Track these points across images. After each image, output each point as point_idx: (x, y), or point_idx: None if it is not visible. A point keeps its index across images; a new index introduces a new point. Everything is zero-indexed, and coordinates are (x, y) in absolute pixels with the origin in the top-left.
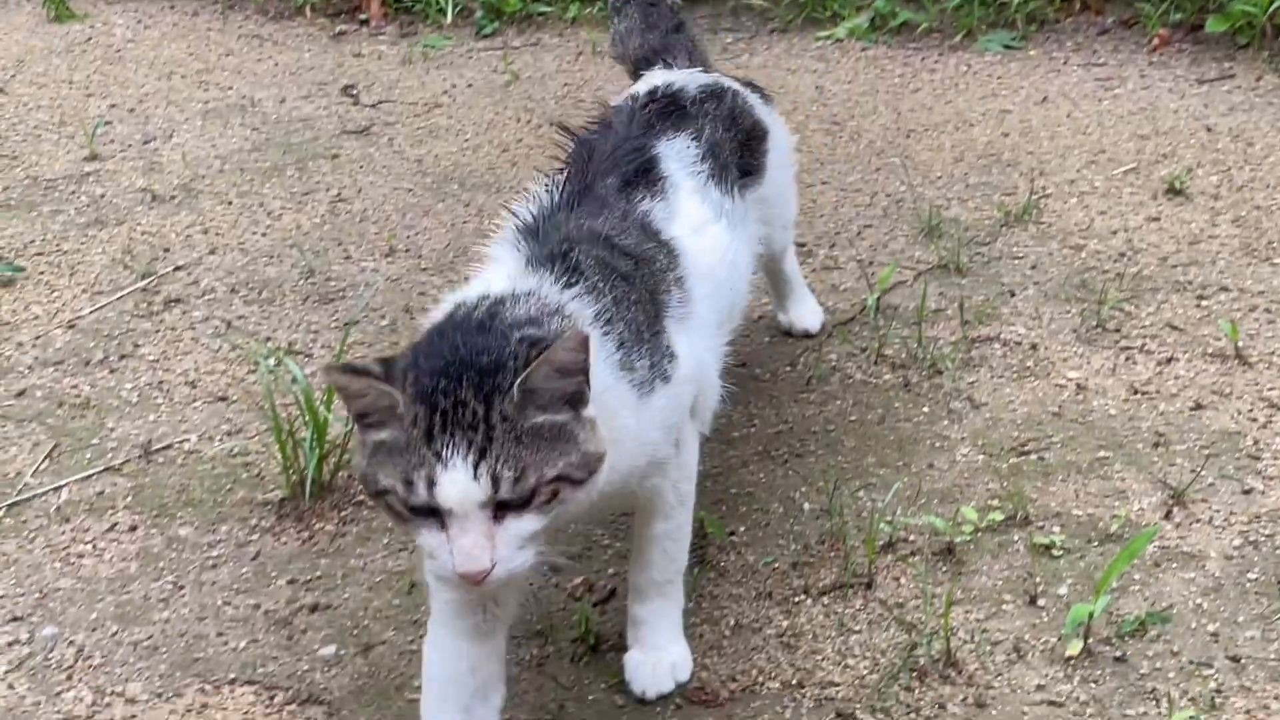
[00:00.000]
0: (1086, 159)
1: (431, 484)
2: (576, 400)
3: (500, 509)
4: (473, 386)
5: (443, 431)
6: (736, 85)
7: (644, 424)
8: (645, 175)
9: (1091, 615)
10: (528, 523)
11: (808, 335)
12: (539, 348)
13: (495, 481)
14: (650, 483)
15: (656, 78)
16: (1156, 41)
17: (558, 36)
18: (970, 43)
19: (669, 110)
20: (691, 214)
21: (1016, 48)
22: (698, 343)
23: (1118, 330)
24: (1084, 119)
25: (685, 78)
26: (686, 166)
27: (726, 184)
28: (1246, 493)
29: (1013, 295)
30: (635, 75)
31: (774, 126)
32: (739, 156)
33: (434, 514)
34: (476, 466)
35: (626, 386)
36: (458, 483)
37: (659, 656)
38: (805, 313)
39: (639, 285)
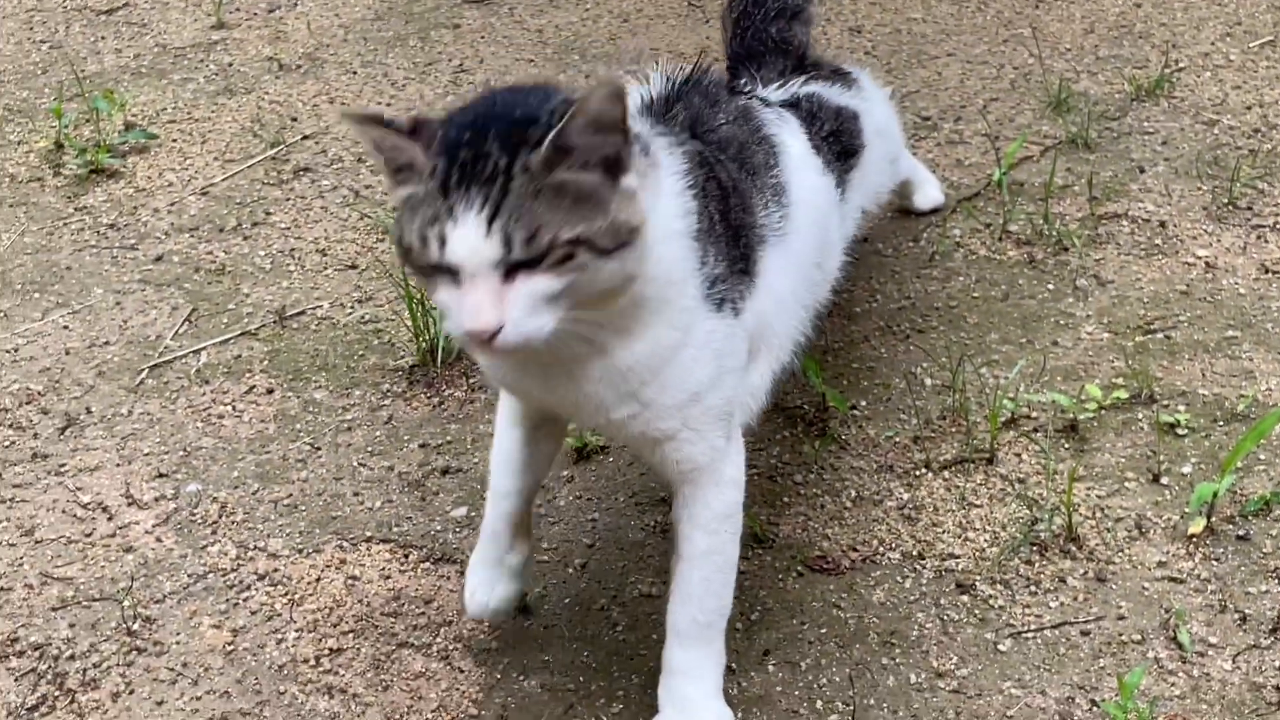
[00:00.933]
0: (1222, 31)
1: (443, 241)
2: (615, 165)
3: (513, 269)
4: (500, 138)
5: (459, 185)
6: (812, 88)
7: (691, 338)
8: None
9: (1216, 494)
10: (540, 283)
11: (934, 211)
12: (577, 102)
13: (507, 240)
14: (680, 451)
15: None
16: None
17: None
18: None
19: None
20: (800, 149)
21: None
22: (779, 285)
23: (1249, 208)
24: None
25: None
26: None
27: (823, 160)
28: None
29: (1142, 171)
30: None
31: (862, 102)
32: (833, 144)
33: (451, 271)
34: (490, 223)
35: (692, 266)
36: (468, 239)
37: None
38: (927, 194)
39: (739, 187)
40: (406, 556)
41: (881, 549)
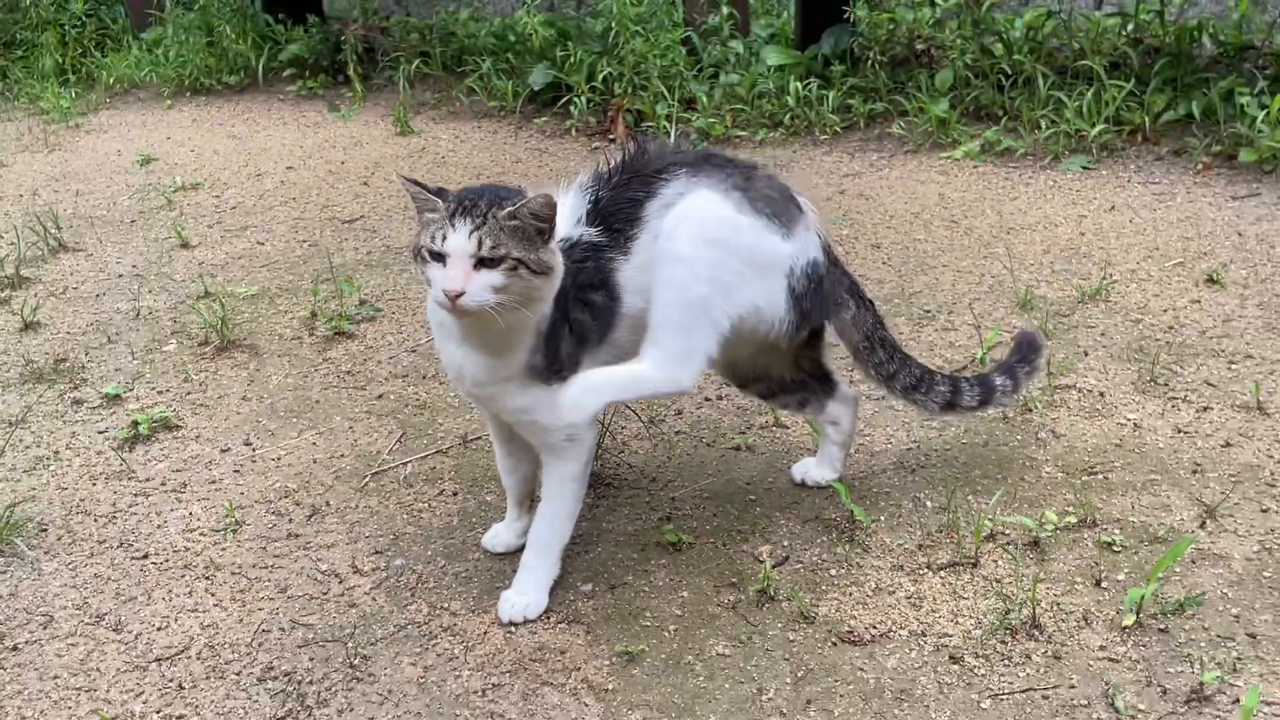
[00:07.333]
0: (1144, 254)
1: (444, 239)
2: (544, 234)
3: (478, 264)
4: (485, 200)
5: (458, 215)
6: None
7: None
8: None
9: (1143, 597)
10: (491, 276)
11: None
12: (529, 199)
13: (480, 243)
14: (533, 436)
15: None
16: (1200, 167)
17: (749, 155)
18: (1056, 164)
19: None
20: None
21: (1092, 168)
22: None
23: (1166, 384)
24: (1143, 224)
25: None
26: None
27: None
28: (1264, 511)
29: (1086, 355)
30: None
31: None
32: None
33: (442, 257)
34: (471, 234)
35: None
36: (458, 238)
37: None
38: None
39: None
40: (548, 618)
41: (894, 627)
